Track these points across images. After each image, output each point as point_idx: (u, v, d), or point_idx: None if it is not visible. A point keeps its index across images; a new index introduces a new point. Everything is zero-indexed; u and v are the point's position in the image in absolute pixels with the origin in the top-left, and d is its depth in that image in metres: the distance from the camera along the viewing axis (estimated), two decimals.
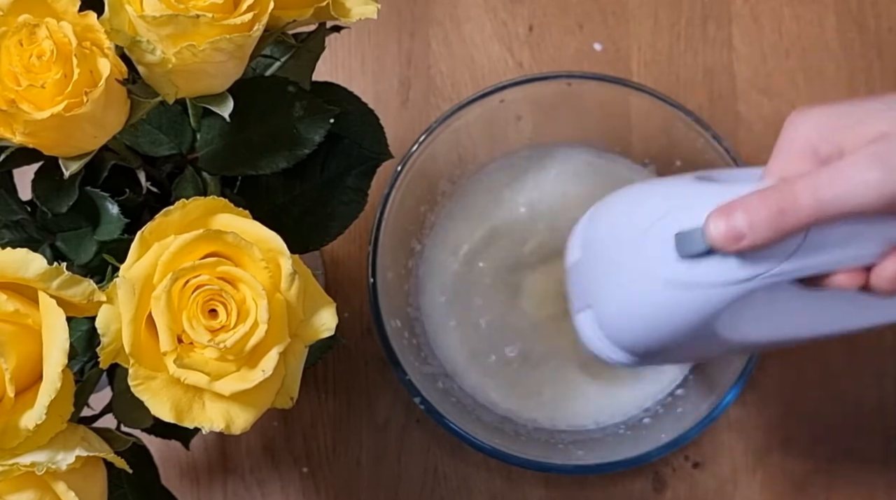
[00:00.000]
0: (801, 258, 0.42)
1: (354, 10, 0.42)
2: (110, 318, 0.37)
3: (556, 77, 0.67)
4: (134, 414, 0.42)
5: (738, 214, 0.41)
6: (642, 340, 0.47)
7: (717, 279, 0.42)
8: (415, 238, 0.70)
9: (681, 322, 0.45)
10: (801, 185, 0.40)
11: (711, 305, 0.43)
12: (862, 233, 0.42)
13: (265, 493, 0.69)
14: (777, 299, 0.46)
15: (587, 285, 0.49)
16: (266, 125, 0.46)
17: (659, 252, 0.44)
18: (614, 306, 0.48)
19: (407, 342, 0.67)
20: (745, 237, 0.40)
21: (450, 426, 0.62)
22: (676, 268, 0.43)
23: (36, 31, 0.37)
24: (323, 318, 0.40)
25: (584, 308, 0.50)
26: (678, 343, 0.46)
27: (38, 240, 0.46)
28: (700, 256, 0.42)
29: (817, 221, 0.40)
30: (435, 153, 0.67)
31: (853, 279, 0.42)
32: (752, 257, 0.41)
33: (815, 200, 0.39)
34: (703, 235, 0.42)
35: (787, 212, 0.40)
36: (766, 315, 0.47)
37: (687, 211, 0.43)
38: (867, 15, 0.75)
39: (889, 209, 0.39)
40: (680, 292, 0.44)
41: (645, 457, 0.63)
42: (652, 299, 0.45)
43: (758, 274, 0.42)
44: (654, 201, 0.46)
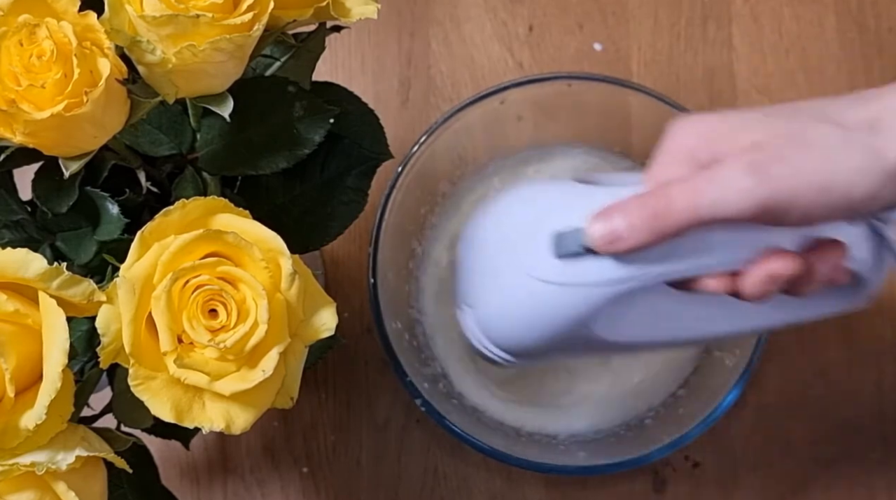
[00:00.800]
0: (673, 262, 0.43)
1: (354, 10, 0.42)
2: (110, 318, 0.37)
3: (556, 78, 0.67)
4: (134, 414, 0.42)
5: (617, 217, 0.42)
6: (519, 341, 0.48)
7: (592, 279, 0.43)
8: (415, 239, 0.70)
9: (557, 322, 0.45)
10: (677, 190, 0.41)
11: (586, 305, 0.44)
12: (733, 239, 0.42)
13: (265, 493, 0.69)
14: (652, 302, 0.47)
15: (466, 284, 0.50)
16: (266, 125, 0.46)
17: (536, 252, 0.44)
18: (490, 305, 0.48)
19: (407, 344, 0.67)
20: (624, 240, 0.41)
21: (450, 427, 0.62)
22: (553, 268, 0.44)
23: (36, 31, 0.37)
24: (323, 318, 0.40)
25: (462, 305, 0.50)
26: (555, 344, 0.47)
27: (38, 240, 0.46)
28: (577, 256, 0.43)
29: (692, 226, 0.40)
30: (435, 154, 0.67)
31: (722, 284, 0.43)
32: (626, 258, 0.42)
33: (691, 206, 0.40)
34: (580, 237, 0.43)
35: (664, 216, 0.41)
36: (641, 318, 0.48)
37: (565, 213, 0.44)
38: (867, 15, 0.75)
39: (760, 217, 0.40)
40: (556, 292, 0.44)
41: (645, 457, 0.63)
42: (528, 299, 0.45)
43: (632, 276, 0.43)
44: (535, 202, 0.47)
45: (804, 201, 0.40)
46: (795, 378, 0.70)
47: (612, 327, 0.47)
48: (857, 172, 0.39)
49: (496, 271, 0.47)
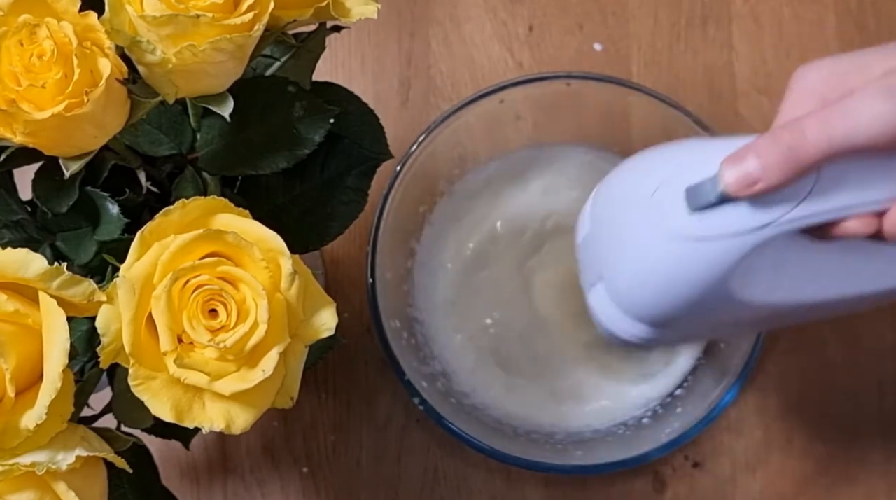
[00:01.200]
0: (813, 202, 0.41)
1: (354, 10, 0.42)
2: (110, 318, 0.37)
3: (555, 77, 0.67)
4: (134, 414, 0.42)
5: (750, 157, 0.40)
6: (657, 304, 0.46)
7: (730, 229, 0.42)
8: (414, 238, 0.70)
9: (695, 280, 0.44)
10: (810, 121, 0.39)
11: (724, 258, 0.42)
12: (874, 174, 0.41)
13: (265, 493, 0.69)
14: (790, 260, 0.45)
15: (598, 256, 0.48)
16: (266, 125, 0.46)
17: (669, 209, 0.43)
18: (626, 272, 0.46)
19: (406, 343, 0.67)
20: (760, 180, 0.40)
21: (449, 426, 0.62)
22: (688, 222, 0.42)
23: (36, 31, 0.37)
24: (323, 318, 0.40)
25: (595, 282, 0.49)
26: (692, 307, 0.45)
27: (38, 240, 0.46)
28: (712, 206, 0.41)
29: (829, 157, 0.39)
30: (434, 153, 0.67)
31: (865, 225, 0.41)
32: (764, 203, 0.41)
33: (826, 136, 0.39)
34: (714, 185, 0.41)
35: (799, 149, 0.39)
36: (780, 276, 0.46)
37: (694, 166, 0.42)
38: (867, 15, 0.75)
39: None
40: (693, 247, 0.43)
41: (645, 457, 0.63)
42: (665, 258, 0.44)
43: (772, 220, 0.41)
44: (663, 160, 0.45)
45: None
46: (795, 378, 0.70)
47: (752, 287, 0.45)
48: None
49: (630, 235, 0.45)
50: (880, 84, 0.39)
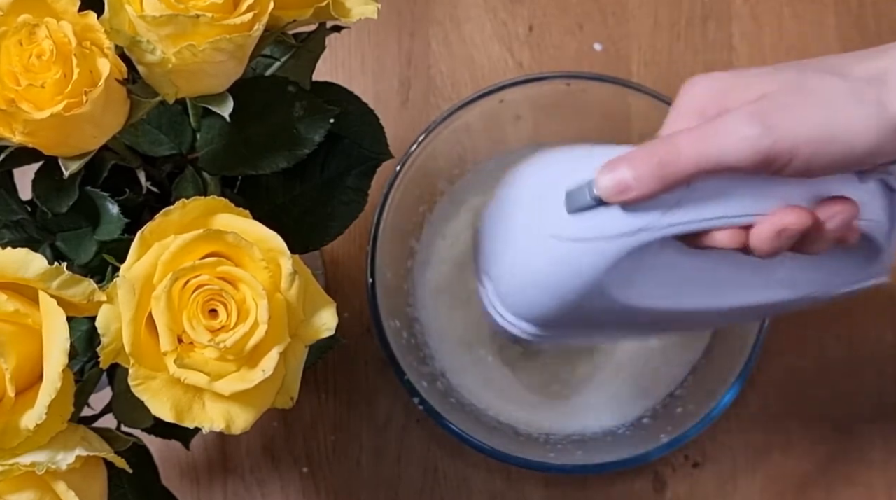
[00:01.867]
0: (683, 211, 0.43)
1: (354, 10, 0.42)
2: (110, 318, 0.37)
3: (555, 77, 0.67)
4: (134, 414, 0.42)
5: (625, 167, 0.42)
6: (536, 304, 0.48)
7: (603, 232, 0.43)
8: (414, 238, 0.70)
9: (571, 280, 0.45)
10: (684, 138, 0.41)
11: (600, 259, 0.44)
12: (743, 193, 0.43)
13: (265, 493, 0.69)
14: (668, 267, 0.47)
15: (485, 254, 0.50)
16: (266, 125, 0.46)
17: (549, 210, 0.44)
18: (509, 273, 0.48)
19: (406, 342, 0.67)
20: (631, 189, 0.42)
21: (449, 426, 0.62)
22: (566, 223, 0.44)
23: (36, 30, 0.37)
24: (323, 318, 0.40)
25: (482, 277, 0.50)
26: (573, 308, 0.47)
27: (38, 240, 0.46)
28: (587, 209, 0.43)
29: (697, 174, 0.41)
30: (434, 153, 0.67)
31: (733, 238, 0.43)
32: (636, 209, 0.43)
33: (696, 152, 0.41)
34: (590, 189, 0.43)
35: (670, 164, 0.41)
36: (658, 282, 0.48)
37: (577, 171, 0.44)
38: (867, 15, 0.75)
39: (765, 166, 0.40)
40: (570, 248, 0.44)
41: (644, 457, 0.63)
42: (544, 259, 0.45)
43: (643, 226, 0.43)
44: (548, 165, 0.47)
45: (807, 151, 0.40)
46: (795, 378, 0.70)
47: (630, 290, 0.47)
48: (861, 124, 0.40)
49: (512, 236, 0.47)
50: (750, 108, 0.41)
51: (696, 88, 0.44)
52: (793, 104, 0.40)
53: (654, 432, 0.65)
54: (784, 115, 0.40)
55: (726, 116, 0.41)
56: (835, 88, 0.41)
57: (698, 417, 0.63)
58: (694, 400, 0.66)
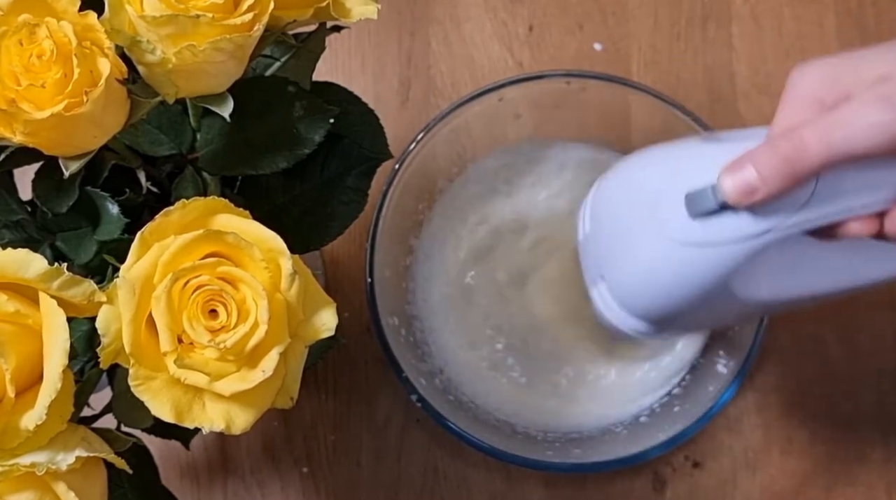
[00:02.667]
0: (813, 208, 0.41)
1: (354, 10, 0.42)
2: (110, 318, 0.37)
3: (554, 76, 0.67)
4: (134, 414, 0.42)
5: (749, 167, 0.40)
6: (657, 305, 0.47)
7: (730, 236, 0.42)
8: (413, 236, 0.70)
9: (695, 283, 0.44)
10: (809, 130, 0.40)
11: (725, 263, 0.43)
12: (873, 178, 0.41)
13: (265, 493, 0.69)
14: (791, 255, 0.46)
15: (599, 256, 0.49)
16: (266, 125, 0.46)
17: (670, 213, 0.43)
18: (627, 273, 0.47)
19: (404, 340, 0.67)
20: (759, 190, 0.40)
21: (447, 424, 0.62)
22: (689, 228, 0.43)
23: (36, 30, 0.37)
24: (323, 318, 0.40)
25: (597, 280, 0.49)
26: (693, 306, 0.46)
27: (38, 240, 0.46)
28: (712, 213, 0.42)
29: (826, 166, 0.40)
30: (434, 151, 0.67)
31: (867, 226, 0.42)
32: (764, 210, 0.41)
33: (824, 145, 0.39)
34: (714, 193, 0.41)
35: (797, 159, 0.40)
36: (781, 272, 0.47)
37: (695, 171, 0.43)
38: (867, 15, 0.75)
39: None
40: (693, 252, 0.43)
41: (643, 455, 0.63)
42: (666, 262, 0.44)
43: (771, 227, 0.41)
44: (662, 164, 0.46)
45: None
46: (795, 378, 0.70)
47: (752, 285, 0.45)
48: None
49: (631, 238, 0.46)
50: (877, 93, 0.39)
51: (806, 76, 0.42)
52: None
53: (652, 430, 0.65)
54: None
55: (851, 103, 0.40)
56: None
57: (696, 416, 0.63)
58: (692, 399, 0.66)
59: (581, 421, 0.68)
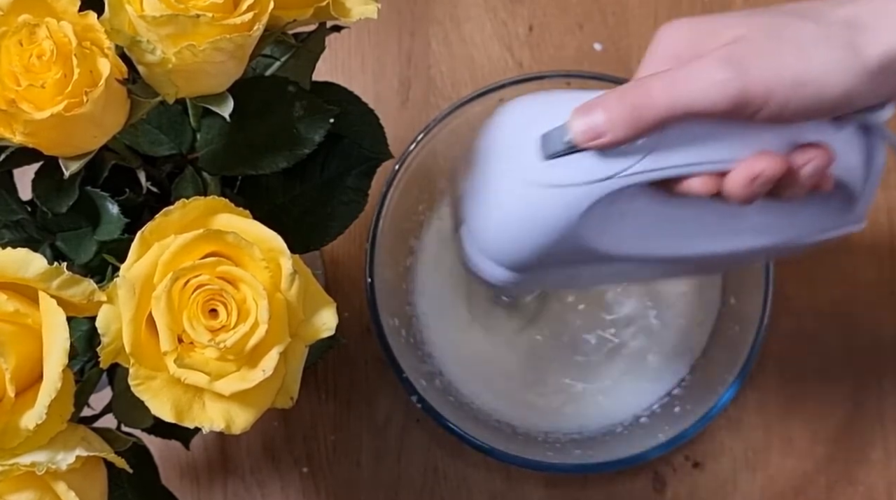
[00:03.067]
0: (658, 157, 0.42)
1: (354, 9, 0.42)
2: (110, 318, 0.37)
3: (554, 76, 0.67)
4: (134, 414, 0.42)
5: (598, 111, 0.41)
6: (512, 249, 0.48)
7: (578, 178, 0.43)
8: (413, 236, 0.70)
9: (547, 225, 0.45)
10: (656, 82, 0.41)
11: (575, 205, 0.44)
12: (717, 137, 0.42)
13: (265, 493, 0.69)
14: (643, 213, 0.47)
15: (462, 202, 0.50)
16: (266, 125, 0.46)
17: (524, 156, 0.44)
18: (483, 216, 0.48)
19: (405, 341, 0.67)
20: (605, 133, 0.41)
21: (447, 424, 0.62)
22: (540, 169, 0.44)
23: (36, 30, 0.37)
24: (323, 318, 0.40)
25: (459, 224, 0.50)
26: (548, 253, 0.47)
27: (38, 240, 0.46)
28: (562, 154, 0.43)
29: (670, 118, 0.40)
30: (434, 152, 0.67)
31: (707, 184, 0.43)
32: (611, 155, 0.42)
33: (668, 97, 0.40)
34: (563, 134, 0.43)
35: (643, 108, 0.41)
36: (634, 228, 0.48)
37: (553, 116, 0.44)
38: None
39: (738, 110, 0.40)
40: (543, 193, 0.44)
41: (643, 456, 0.63)
42: (519, 203, 0.45)
43: (617, 172, 0.43)
44: (523, 111, 0.47)
45: (779, 95, 0.40)
46: (795, 378, 0.70)
47: (603, 236, 0.46)
48: (834, 68, 0.40)
49: (488, 181, 0.47)
50: (722, 52, 0.40)
51: (670, 33, 0.43)
52: (765, 48, 0.40)
53: (652, 431, 0.65)
54: (756, 58, 0.40)
55: (699, 60, 0.40)
56: (808, 32, 0.40)
57: (696, 416, 0.63)
58: (692, 400, 0.66)
59: (581, 422, 0.68)
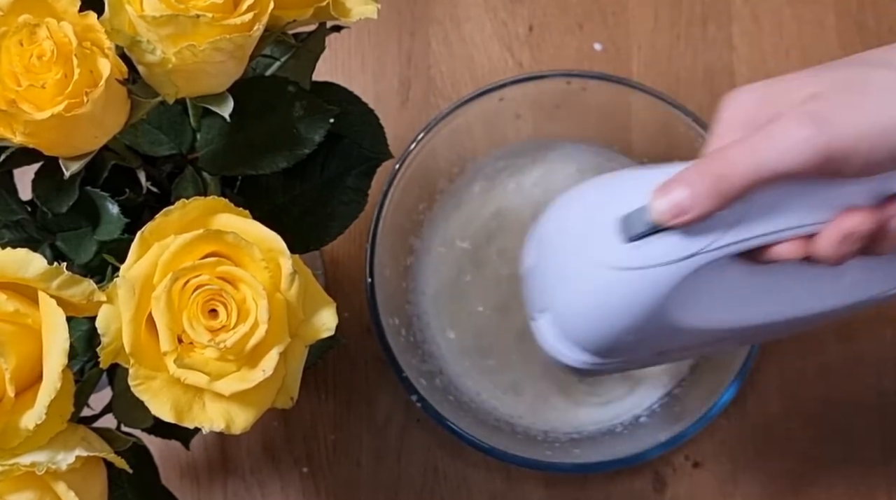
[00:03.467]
0: (743, 228, 0.42)
1: (354, 10, 0.42)
2: (110, 318, 0.37)
3: (555, 76, 0.67)
4: (134, 414, 0.42)
5: (680, 187, 0.41)
6: (597, 333, 0.47)
7: (663, 257, 0.42)
8: (413, 236, 0.70)
9: (632, 308, 0.44)
10: (736, 149, 0.40)
11: (661, 285, 0.43)
12: (802, 200, 0.42)
13: (265, 493, 0.69)
14: (728, 284, 0.46)
15: (541, 288, 0.49)
16: (266, 125, 0.46)
17: (604, 240, 0.44)
18: (567, 303, 0.47)
19: (405, 340, 0.67)
20: (689, 210, 0.41)
21: (447, 424, 0.62)
22: (622, 252, 0.43)
23: (36, 31, 0.37)
24: (323, 318, 0.40)
25: (540, 312, 0.50)
26: (634, 335, 0.46)
27: (38, 240, 0.46)
28: (645, 236, 0.42)
29: (755, 184, 0.40)
30: (434, 151, 0.67)
31: (796, 248, 0.42)
32: (695, 230, 0.42)
33: (751, 163, 0.39)
34: (645, 215, 0.42)
35: (725, 178, 0.40)
36: (719, 300, 0.47)
37: (630, 197, 0.43)
38: (867, 15, 0.75)
39: (823, 167, 0.39)
40: (627, 277, 0.43)
41: (643, 455, 0.63)
42: (602, 289, 0.45)
43: (703, 248, 0.42)
44: (598, 192, 0.46)
45: (866, 147, 0.39)
46: (795, 378, 0.70)
47: (692, 312, 0.46)
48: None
49: (567, 268, 0.46)
50: (803, 110, 0.39)
51: (739, 99, 0.42)
52: (845, 100, 0.39)
53: (651, 431, 0.65)
54: (837, 112, 0.39)
55: (778, 121, 0.40)
56: (885, 80, 0.40)
57: (696, 416, 0.63)
58: (692, 399, 0.66)
59: (581, 421, 0.68)
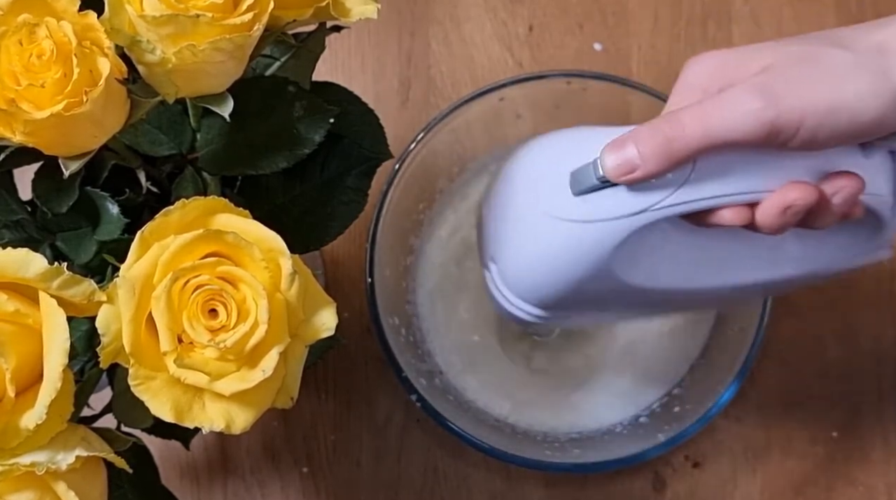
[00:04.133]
0: (689, 190, 0.42)
1: (354, 10, 0.42)
2: (110, 318, 0.37)
3: (555, 76, 0.67)
4: (134, 414, 0.42)
5: (630, 145, 0.41)
6: (543, 287, 0.47)
7: (610, 213, 0.43)
8: (413, 236, 0.70)
9: (578, 262, 0.45)
10: (688, 114, 0.41)
11: (606, 240, 0.44)
12: (748, 167, 0.42)
13: (265, 493, 0.69)
14: (674, 246, 0.47)
15: (493, 237, 0.50)
16: (266, 125, 0.46)
17: (554, 192, 0.44)
18: (513, 255, 0.48)
19: (404, 340, 0.67)
20: (638, 168, 0.41)
21: (446, 424, 0.62)
22: (570, 204, 0.44)
23: (36, 30, 0.37)
24: (323, 318, 0.40)
25: (488, 263, 0.50)
26: (579, 289, 0.46)
27: (38, 240, 0.46)
28: (593, 190, 0.43)
29: (703, 150, 0.40)
30: (434, 151, 0.67)
31: (739, 215, 0.43)
32: (642, 188, 0.42)
33: (701, 129, 0.40)
34: (596, 169, 0.42)
35: (676, 140, 0.40)
36: (664, 261, 0.48)
37: (581, 151, 0.44)
38: (867, 15, 0.75)
39: (770, 139, 0.40)
40: (575, 229, 0.44)
41: (642, 455, 0.63)
42: (550, 241, 0.45)
43: (649, 206, 0.42)
44: (552, 147, 0.47)
45: (812, 123, 0.40)
46: (795, 378, 0.70)
47: (636, 271, 0.46)
48: (866, 94, 0.40)
49: (517, 218, 0.47)
50: (754, 81, 0.40)
51: (698, 66, 0.43)
52: (797, 76, 0.40)
53: (651, 431, 0.65)
54: (788, 86, 0.40)
55: (730, 90, 0.40)
56: (839, 59, 0.40)
57: (696, 416, 0.63)
58: (692, 399, 0.66)
59: (581, 421, 0.68)
